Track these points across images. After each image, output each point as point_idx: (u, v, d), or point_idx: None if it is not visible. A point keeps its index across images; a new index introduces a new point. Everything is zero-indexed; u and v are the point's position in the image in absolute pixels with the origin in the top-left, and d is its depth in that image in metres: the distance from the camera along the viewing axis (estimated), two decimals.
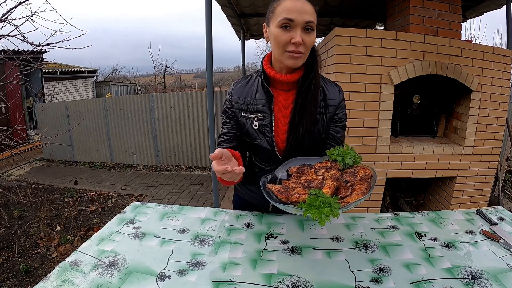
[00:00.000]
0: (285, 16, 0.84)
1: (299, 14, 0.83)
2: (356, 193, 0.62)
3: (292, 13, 0.83)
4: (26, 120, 7.82)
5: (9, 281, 2.17)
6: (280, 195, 0.69)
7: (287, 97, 0.97)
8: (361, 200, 0.61)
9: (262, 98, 0.97)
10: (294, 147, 0.96)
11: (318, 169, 0.79)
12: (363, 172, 0.74)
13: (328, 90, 0.98)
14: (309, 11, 0.85)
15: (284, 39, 0.85)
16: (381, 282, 0.72)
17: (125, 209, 1.12)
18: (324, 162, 0.83)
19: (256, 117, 0.97)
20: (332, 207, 0.59)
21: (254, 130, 0.98)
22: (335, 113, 0.99)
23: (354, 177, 0.72)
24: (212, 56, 2.59)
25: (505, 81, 2.49)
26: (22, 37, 2.41)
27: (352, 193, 0.63)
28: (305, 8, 0.84)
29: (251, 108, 0.98)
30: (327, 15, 3.92)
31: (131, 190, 4.23)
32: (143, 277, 0.75)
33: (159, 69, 15.57)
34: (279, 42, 0.87)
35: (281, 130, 0.97)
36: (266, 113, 0.96)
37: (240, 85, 1.03)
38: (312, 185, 0.70)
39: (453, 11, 2.52)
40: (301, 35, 0.84)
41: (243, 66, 5.57)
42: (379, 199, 2.59)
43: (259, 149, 1.00)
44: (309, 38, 0.86)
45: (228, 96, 1.03)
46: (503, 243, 0.87)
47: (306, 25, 0.84)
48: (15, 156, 2.84)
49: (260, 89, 0.98)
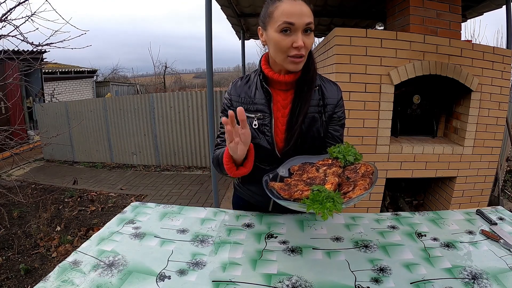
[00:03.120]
0: (285, 20, 0.83)
1: (299, 17, 0.83)
2: (358, 188, 0.63)
3: (292, 17, 0.82)
4: (26, 120, 7.82)
5: (9, 281, 2.17)
6: (283, 192, 0.69)
7: (286, 97, 0.97)
8: (363, 195, 0.62)
9: (261, 98, 0.97)
10: (293, 147, 0.96)
11: (320, 166, 0.80)
12: (365, 169, 0.75)
13: (326, 89, 0.99)
14: (308, 12, 0.84)
15: (286, 44, 0.85)
16: (381, 282, 0.72)
17: (125, 209, 1.12)
18: (326, 160, 0.84)
19: (256, 116, 0.97)
20: (335, 202, 0.60)
21: (253, 130, 0.97)
22: (333, 112, 0.99)
23: (356, 174, 0.73)
24: (212, 56, 2.59)
25: (505, 81, 2.49)
26: (22, 37, 2.41)
27: (355, 188, 0.64)
28: (303, 10, 0.84)
29: (251, 108, 0.98)
30: (327, 15, 3.92)
31: (131, 190, 4.23)
32: (143, 277, 0.75)
33: (159, 69, 15.57)
34: (281, 47, 0.86)
35: (280, 130, 0.97)
36: (265, 112, 0.97)
37: (239, 84, 1.02)
38: (315, 181, 0.70)
39: (453, 11, 2.52)
40: (302, 38, 0.84)
41: (243, 66, 5.57)
42: (379, 199, 2.59)
43: (258, 148, 1.00)
44: (309, 40, 0.86)
45: (227, 95, 1.03)
46: (503, 243, 0.87)
47: (306, 27, 0.84)
48: (15, 156, 2.84)
49: (259, 89, 0.98)
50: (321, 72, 2.73)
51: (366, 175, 0.71)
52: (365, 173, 0.72)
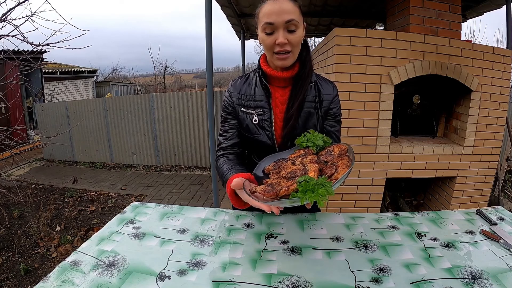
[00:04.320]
0: (265, 20, 0.87)
1: (278, 15, 0.85)
2: (341, 168, 0.64)
3: (271, 16, 0.86)
4: (26, 120, 7.82)
5: (9, 281, 2.17)
6: (268, 194, 0.67)
7: (284, 93, 0.99)
8: (347, 172, 0.63)
9: (261, 94, 1.00)
10: (291, 142, 0.98)
11: (294, 159, 0.80)
12: (339, 149, 0.76)
13: (322, 86, 1.01)
14: (288, 9, 0.86)
15: (269, 42, 0.89)
16: (381, 282, 0.72)
17: (125, 209, 1.12)
18: (297, 152, 0.84)
19: (256, 112, 0.99)
20: (325, 186, 0.60)
21: (254, 125, 1.00)
22: (329, 108, 1.02)
23: (332, 156, 0.74)
24: (212, 56, 2.59)
25: (505, 81, 2.49)
26: (22, 37, 2.40)
27: (338, 169, 0.65)
28: (283, 8, 0.85)
29: (251, 104, 1.00)
30: (327, 15, 3.92)
31: (131, 190, 4.23)
32: (143, 277, 0.75)
33: (159, 69, 15.56)
34: (266, 46, 0.91)
35: (278, 126, 1.00)
36: (265, 108, 0.99)
37: (238, 82, 1.05)
38: (296, 174, 0.69)
39: (453, 11, 2.52)
40: (284, 35, 0.87)
41: (243, 66, 5.57)
42: (379, 199, 2.59)
43: (258, 144, 1.02)
44: (294, 36, 0.88)
45: (228, 93, 1.05)
46: (503, 243, 0.87)
47: (286, 25, 0.86)
48: (15, 156, 2.84)
49: (258, 86, 1.00)
50: (321, 72, 2.73)
51: (342, 154, 0.72)
52: (341, 153, 0.73)
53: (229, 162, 0.97)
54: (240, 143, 1.05)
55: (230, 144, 1.04)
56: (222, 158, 1.02)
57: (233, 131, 1.04)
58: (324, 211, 1.16)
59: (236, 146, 1.05)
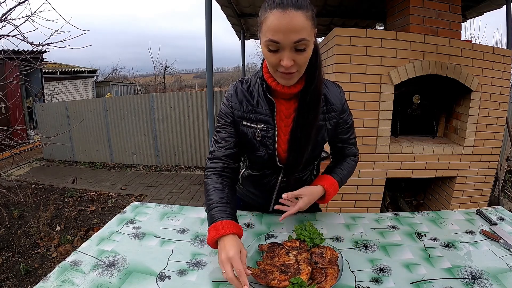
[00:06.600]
0: (270, 37, 0.73)
1: (285, 34, 0.72)
2: (330, 279, 0.71)
3: (277, 34, 0.72)
4: (26, 120, 7.82)
5: (9, 281, 2.17)
6: (260, 280, 0.72)
7: (289, 106, 0.92)
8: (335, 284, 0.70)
9: (265, 107, 0.91)
10: (296, 156, 0.94)
11: (289, 249, 0.83)
12: (331, 254, 0.80)
13: (330, 95, 0.94)
14: (298, 27, 0.72)
15: (273, 60, 0.78)
16: (381, 282, 0.72)
17: (125, 209, 1.12)
18: (293, 242, 0.86)
19: (259, 127, 0.92)
20: None
21: (256, 142, 0.93)
22: (339, 118, 0.97)
23: (323, 259, 0.79)
24: (212, 56, 2.59)
25: (505, 81, 2.49)
26: (22, 37, 2.40)
27: (327, 278, 0.71)
28: (292, 25, 0.71)
29: (253, 117, 0.92)
30: (327, 15, 3.92)
31: (131, 190, 4.23)
32: (143, 277, 0.75)
33: (159, 69, 15.57)
34: (269, 63, 0.80)
35: (282, 140, 0.94)
36: (269, 124, 0.91)
37: (239, 89, 0.94)
38: (289, 269, 0.74)
39: (453, 11, 2.52)
40: (290, 57, 0.75)
41: (243, 66, 5.57)
42: (379, 199, 2.59)
43: (258, 159, 0.97)
44: (301, 56, 0.77)
45: (227, 102, 0.95)
46: (503, 243, 0.87)
47: (295, 44, 0.74)
48: (15, 156, 2.84)
49: (262, 98, 0.91)
50: None
51: (333, 261, 0.77)
52: (332, 260, 0.78)
53: (220, 191, 0.87)
54: (236, 155, 0.96)
55: (225, 154, 0.93)
56: (213, 176, 0.92)
57: (231, 139, 0.94)
58: (324, 211, 1.16)
59: (232, 160, 0.94)
